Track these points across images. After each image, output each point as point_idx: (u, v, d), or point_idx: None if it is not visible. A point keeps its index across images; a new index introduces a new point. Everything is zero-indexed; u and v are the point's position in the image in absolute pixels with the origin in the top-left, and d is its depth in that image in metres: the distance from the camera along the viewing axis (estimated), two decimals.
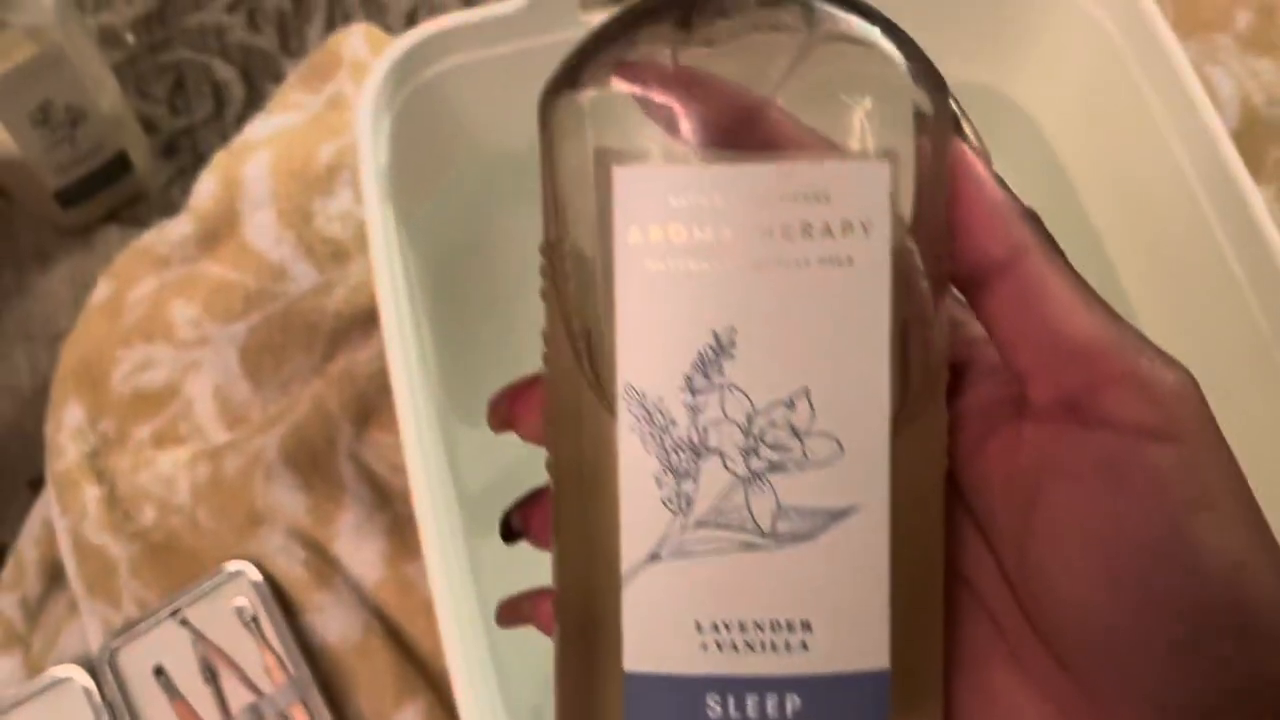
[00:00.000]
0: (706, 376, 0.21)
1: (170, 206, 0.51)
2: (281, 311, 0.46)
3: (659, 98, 0.21)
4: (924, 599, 0.22)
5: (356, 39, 0.52)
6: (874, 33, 0.21)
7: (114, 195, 0.51)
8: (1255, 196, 0.39)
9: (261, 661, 0.42)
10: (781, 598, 0.21)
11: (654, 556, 0.21)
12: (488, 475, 0.44)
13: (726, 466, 0.21)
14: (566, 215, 0.22)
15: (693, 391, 0.21)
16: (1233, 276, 0.40)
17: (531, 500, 0.26)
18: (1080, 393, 0.21)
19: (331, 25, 0.56)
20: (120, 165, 0.50)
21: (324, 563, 0.44)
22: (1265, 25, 0.55)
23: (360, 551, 0.44)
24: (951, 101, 0.22)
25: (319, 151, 0.48)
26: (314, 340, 0.46)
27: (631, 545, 0.21)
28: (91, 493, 0.44)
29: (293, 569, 0.43)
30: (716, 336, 0.21)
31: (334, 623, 0.43)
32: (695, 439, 0.21)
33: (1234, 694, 0.20)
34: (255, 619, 0.43)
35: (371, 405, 0.45)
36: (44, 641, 0.44)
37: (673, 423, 0.21)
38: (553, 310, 0.22)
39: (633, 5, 0.22)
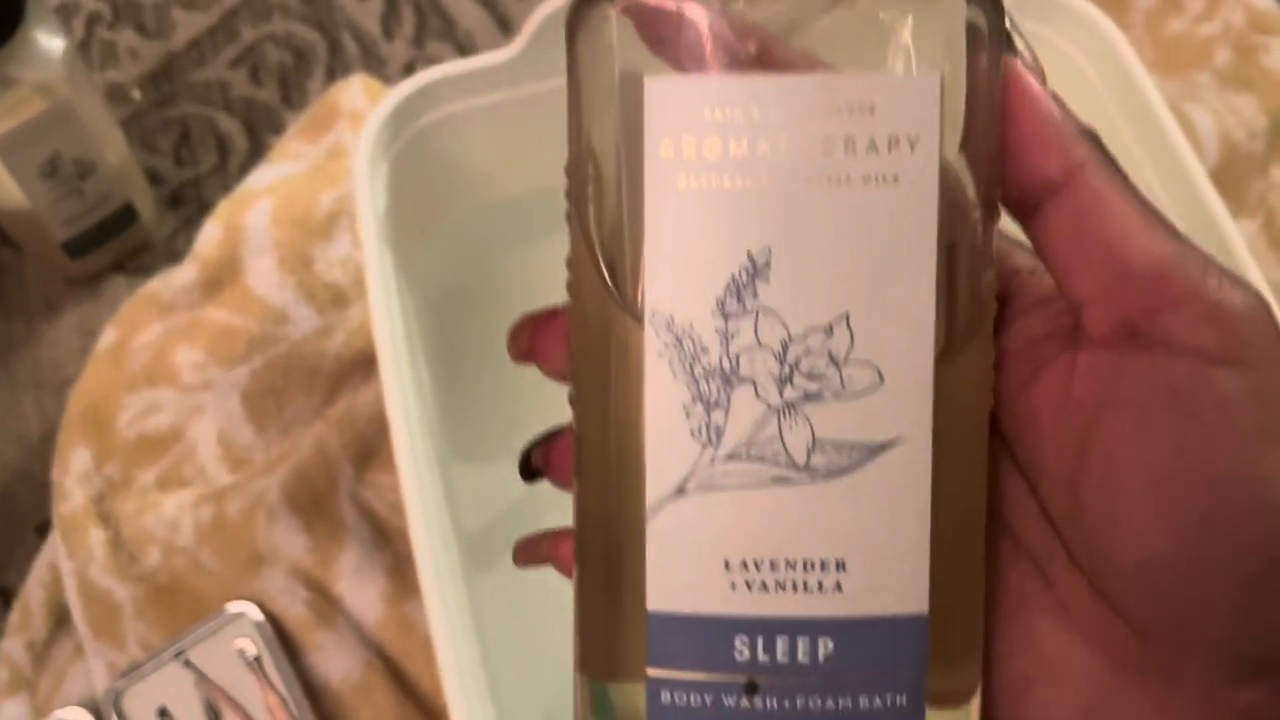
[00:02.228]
0: (740, 300, 0.20)
1: (176, 256, 0.52)
2: (283, 355, 0.47)
3: (690, 13, 0.20)
4: (966, 540, 0.21)
5: (355, 90, 0.54)
6: None
7: (121, 245, 0.52)
8: (1233, 231, 0.40)
9: (264, 702, 0.43)
10: (816, 535, 0.20)
11: (680, 490, 0.20)
12: (486, 514, 0.44)
13: (759, 396, 0.20)
14: (593, 130, 0.21)
15: (725, 316, 0.20)
16: None
17: (553, 437, 0.24)
18: (1142, 317, 0.19)
19: (332, 78, 0.58)
20: (127, 216, 0.51)
21: (325, 602, 0.44)
22: (1244, 62, 0.56)
23: (361, 591, 0.44)
24: (1006, 17, 0.21)
25: (319, 199, 0.49)
26: (315, 383, 0.47)
27: (657, 478, 0.20)
28: (97, 536, 0.45)
29: (295, 609, 0.44)
30: (751, 258, 0.20)
31: (335, 662, 0.43)
32: (727, 366, 0.20)
33: None
34: (258, 659, 0.43)
35: (372, 446, 0.46)
36: (50, 684, 0.44)
37: (703, 349, 0.20)
38: (576, 234, 0.21)
39: None
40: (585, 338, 0.21)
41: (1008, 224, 0.22)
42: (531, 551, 0.25)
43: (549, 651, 0.42)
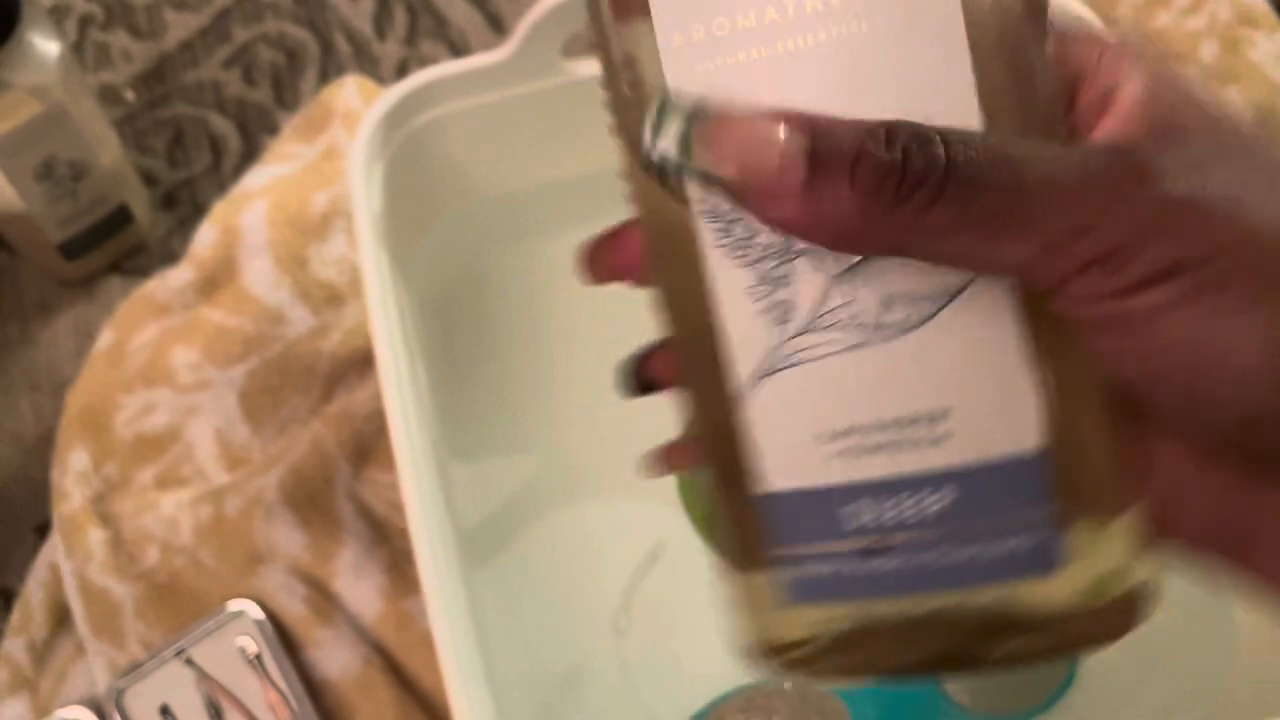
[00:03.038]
0: None
1: (171, 256, 0.53)
2: (279, 355, 0.47)
3: None
4: (1069, 364, 0.20)
5: (349, 91, 0.54)
6: None
7: (116, 247, 0.52)
8: None
9: (265, 698, 0.43)
10: (908, 390, 0.20)
11: (764, 372, 0.20)
12: (483, 510, 0.45)
13: (818, 266, 0.20)
14: (613, 38, 0.21)
15: None
16: None
17: (653, 349, 0.26)
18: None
19: (325, 78, 0.58)
20: (121, 217, 0.51)
21: (324, 599, 0.44)
22: (1230, 56, 0.57)
23: (359, 588, 0.45)
24: None
25: (314, 199, 0.50)
26: (311, 382, 0.48)
27: (740, 364, 0.21)
28: (96, 535, 0.45)
29: (294, 606, 0.44)
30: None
31: (335, 658, 0.44)
32: (780, 241, 0.20)
33: None
34: (258, 657, 0.44)
35: (368, 445, 0.46)
36: (51, 684, 0.45)
37: (754, 229, 0.20)
38: (623, 143, 0.22)
39: None
40: (654, 241, 0.22)
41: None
42: (661, 463, 0.27)
43: (546, 646, 0.43)
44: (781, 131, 0.19)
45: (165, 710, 0.43)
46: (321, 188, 0.50)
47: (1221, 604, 0.43)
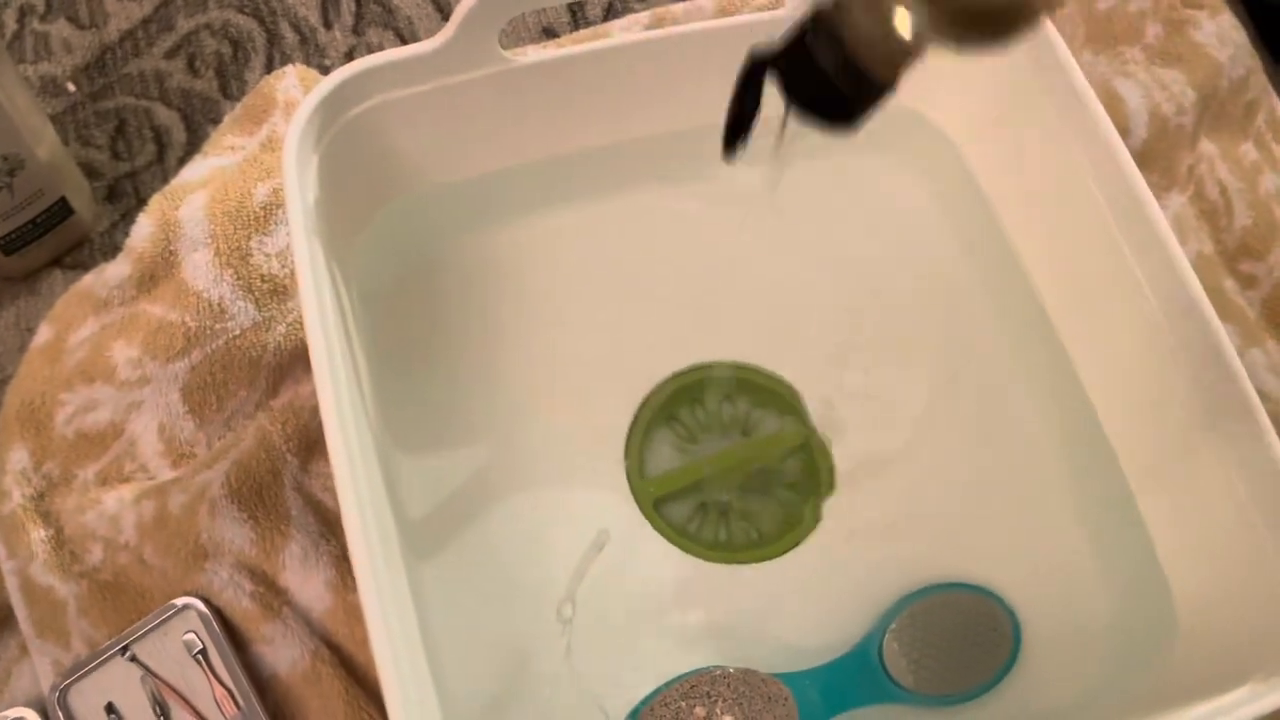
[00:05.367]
0: None
1: (114, 250, 0.52)
2: (222, 349, 0.47)
3: None
4: None
5: (289, 80, 0.53)
6: None
7: (57, 241, 0.52)
8: (1149, 199, 0.41)
9: (212, 694, 0.43)
10: None
11: None
12: (429, 502, 0.45)
13: None
14: None
15: None
16: (1131, 274, 0.42)
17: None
18: None
19: (270, 68, 0.57)
20: (62, 211, 0.51)
21: (272, 594, 0.44)
22: (1174, 37, 0.57)
23: (308, 581, 0.44)
24: None
25: (255, 191, 0.49)
26: (256, 376, 0.47)
27: None
28: (38, 534, 0.45)
29: (240, 601, 0.44)
30: None
31: (283, 653, 0.43)
32: None
33: None
34: (204, 652, 0.43)
35: (315, 437, 0.46)
36: None
37: None
38: None
39: None
40: None
41: None
42: None
43: (493, 636, 0.42)
44: None
45: (110, 708, 0.43)
46: (262, 179, 0.50)
47: (1160, 582, 0.43)
